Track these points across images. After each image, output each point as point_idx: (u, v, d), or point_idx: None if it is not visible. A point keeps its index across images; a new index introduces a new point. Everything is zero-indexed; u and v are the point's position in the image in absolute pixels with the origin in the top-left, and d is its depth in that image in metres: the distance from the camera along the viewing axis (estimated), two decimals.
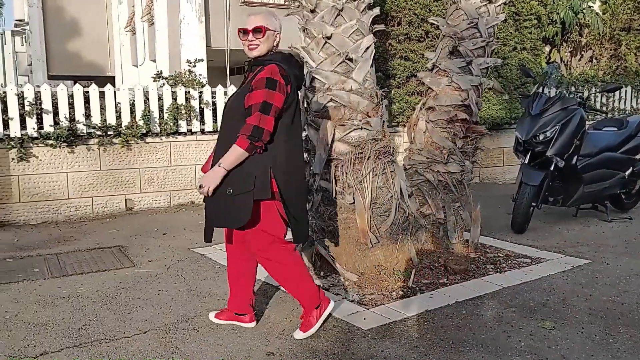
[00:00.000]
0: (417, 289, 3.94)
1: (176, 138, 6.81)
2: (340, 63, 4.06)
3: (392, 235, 4.18)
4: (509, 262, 4.60)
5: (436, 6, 7.88)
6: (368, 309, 3.57)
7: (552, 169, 5.44)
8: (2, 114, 5.92)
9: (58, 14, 16.81)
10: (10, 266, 4.50)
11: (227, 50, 12.31)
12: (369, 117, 4.12)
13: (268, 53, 3.03)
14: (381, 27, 4.37)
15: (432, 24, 6.63)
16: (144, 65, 14.60)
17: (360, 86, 4.10)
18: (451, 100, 4.71)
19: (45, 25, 16.91)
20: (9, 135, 5.94)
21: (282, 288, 3.93)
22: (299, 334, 3.18)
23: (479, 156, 5.27)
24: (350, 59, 4.05)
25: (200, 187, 2.89)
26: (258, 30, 2.96)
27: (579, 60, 12.87)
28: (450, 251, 4.62)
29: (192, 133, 6.92)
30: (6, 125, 5.96)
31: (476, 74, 4.73)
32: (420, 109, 4.92)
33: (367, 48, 4.10)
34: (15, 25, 26.83)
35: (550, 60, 12.49)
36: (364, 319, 3.42)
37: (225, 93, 7.09)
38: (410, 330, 3.27)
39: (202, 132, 6.97)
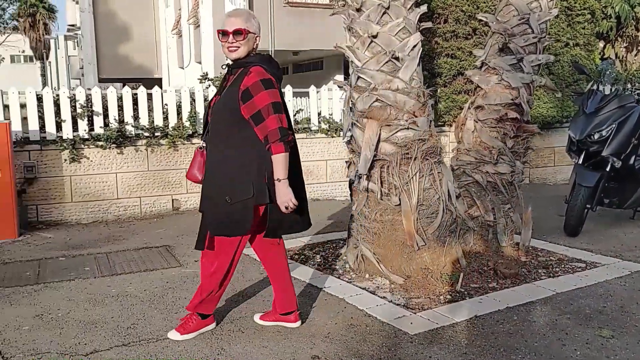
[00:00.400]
0: (466, 293, 3.83)
1: None
2: (386, 62, 3.99)
3: (439, 237, 4.08)
4: (562, 266, 4.42)
5: (484, 2, 7.69)
6: (415, 313, 3.49)
7: (607, 169, 5.22)
8: (56, 116, 6.10)
9: (108, 19, 17.30)
10: (62, 264, 4.62)
11: (271, 51, 12.38)
12: (416, 117, 4.04)
13: (248, 55, 3.00)
14: (428, 24, 4.28)
15: (480, 20, 6.47)
16: (190, 66, 14.86)
17: (407, 85, 4.02)
18: (501, 99, 4.57)
19: (96, 30, 17.43)
20: (61, 136, 6.12)
21: (326, 289, 3.90)
22: (174, 335, 3.15)
23: (530, 156, 5.09)
24: (397, 58, 3.98)
25: (287, 208, 2.87)
26: (239, 32, 2.93)
27: (635, 55, 12.35)
28: (499, 254, 4.48)
29: None
30: (59, 127, 6.14)
31: (527, 72, 4.57)
32: (468, 108, 4.79)
33: (414, 46, 4.02)
34: (68, 30, 27.80)
35: (605, 57, 12.02)
36: (411, 323, 3.34)
37: None
38: (459, 336, 3.18)
39: None
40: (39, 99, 6.11)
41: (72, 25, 26.01)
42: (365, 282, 4.05)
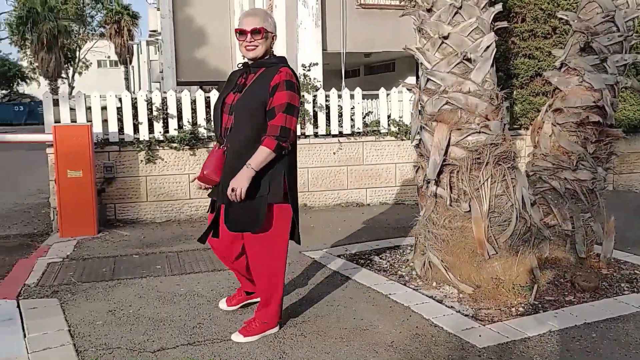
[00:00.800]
0: (540, 306, 3.63)
1: None
2: (457, 64, 3.86)
3: (511, 246, 3.89)
4: None
5: None
6: (484, 325, 3.34)
7: None
8: (133, 119, 6.35)
9: (187, 24, 17.92)
10: (136, 262, 4.79)
11: (343, 53, 12.37)
12: (488, 120, 3.88)
13: (265, 54, 3.02)
14: (503, 24, 4.10)
15: (560, 18, 6.17)
16: None
17: (479, 87, 3.87)
18: (582, 102, 4.31)
19: (175, 35, 18.09)
20: (138, 138, 6.36)
21: (391, 296, 3.81)
22: (238, 337, 3.16)
23: (614, 162, 4.78)
24: (469, 59, 3.84)
25: (233, 190, 2.87)
26: (257, 31, 2.95)
27: None
28: (578, 266, 4.22)
29: (306, 136, 6.99)
30: (136, 129, 6.39)
31: (612, 72, 4.29)
32: (546, 110, 4.56)
33: (488, 47, 3.86)
34: (150, 36, 29.08)
35: None
36: (479, 335, 3.20)
37: (339, 96, 7.08)
38: (531, 351, 3.01)
39: (316, 135, 7.02)
40: (119, 102, 6.38)
41: (154, 31, 27.16)
42: (432, 290, 3.93)
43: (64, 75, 45.28)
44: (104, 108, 6.38)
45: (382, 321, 3.43)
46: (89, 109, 6.32)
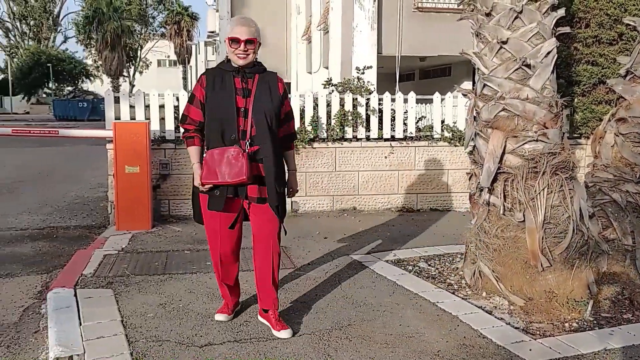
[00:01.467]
0: (595, 322, 3.49)
1: (342, 144, 6.92)
2: (516, 69, 3.77)
3: (567, 259, 3.76)
4: None
5: (634, 5, 7.01)
6: (535, 339, 3.24)
7: None
8: None
9: None
10: (187, 257, 4.91)
11: (398, 57, 12.30)
12: (546, 128, 3.76)
13: (254, 61, 3.26)
14: (566, 29, 3.98)
15: (627, 25, 5.92)
16: (318, 72, 15.19)
17: (538, 94, 3.76)
18: None
19: None
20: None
21: (439, 304, 3.75)
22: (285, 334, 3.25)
23: None
24: (528, 65, 3.74)
25: (296, 191, 3.54)
26: (250, 41, 3.15)
27: None
28: (638, 283, 4.04)
29: (358, 139, 6.98)
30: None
31: None
32: (609, 120, 4.38)
33: (548, 53, 3.75)
34: (208, 37, 29.76)
35: None
36: (530, 349, 3.11)
37: (393, 100, 7.03)
38: None
39: (367, 138, 7.00)
40: (176, 101, 6.54)
41: (212, 32, 27.79)
42: (482, 300, 3.84)
43: (125, 73, 46.95)
44: (161, 106, 6.56)
45: (429, 329, 3.39)
46: (147, 106, 6.51)
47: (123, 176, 5.83)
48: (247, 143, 3.13)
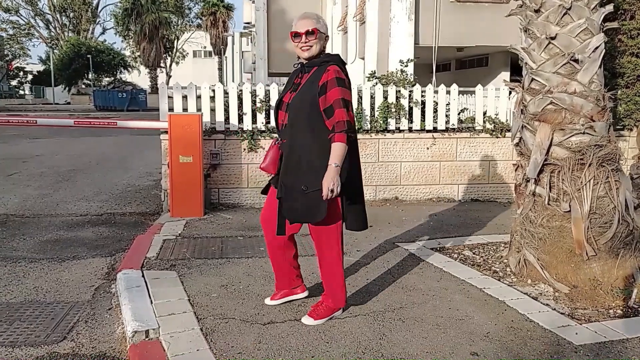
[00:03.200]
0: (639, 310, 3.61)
1: (385, 135, 7.09)
2: (564, 64, 3.88)
3: (612, 249, 3.88)
4: None
5: None
6: (580, 324, 3.39)
7: None
8: (238, 110, 6.76)
9: (280, 16, 18.42)
10: (241, 243, 5.17)
11: (435, 47, 12.31)
12: (593, 121, 3.88)
13: (319, 54, 3.22)
14: (614, 24, 4.08)
15: None
16: (354, 63, 15.30)
17: (585, 88, 3.87)
18: None
19: (269, 27, 18.67)
20: (242, 128, 6.77)
21: (485, 290, 3.92)
22: (308, 320, 3.35)
23: None
24: (576, 60, 3.85)
25: (331, 192, 2.99)
26: (311, 32, 3.16)
27: None
28: None
29: (400, 131, 7.13)
30: (240, 120, 6.80)
31: None
32: None
33: (596, 48, 3.86)
34: (244, 28, 30.06)
35: None
36: (576, 333, 3.26)
37: (435, 92, 7.16)
38: (629, 352, 3.04)
39: (410, 130, 7.14)
40: (225, 94, 6.81)
41: (248, 23, 28.05)
42: (527, 287, 4.00)
43: (162, 64, 47.72)
44: (211, 98, 6.82)
45: (477, 313, 3.56)
46: (198, 97, 6.79)
47: (177, 165, 6.13)
48: (279, 136, 3.35)
